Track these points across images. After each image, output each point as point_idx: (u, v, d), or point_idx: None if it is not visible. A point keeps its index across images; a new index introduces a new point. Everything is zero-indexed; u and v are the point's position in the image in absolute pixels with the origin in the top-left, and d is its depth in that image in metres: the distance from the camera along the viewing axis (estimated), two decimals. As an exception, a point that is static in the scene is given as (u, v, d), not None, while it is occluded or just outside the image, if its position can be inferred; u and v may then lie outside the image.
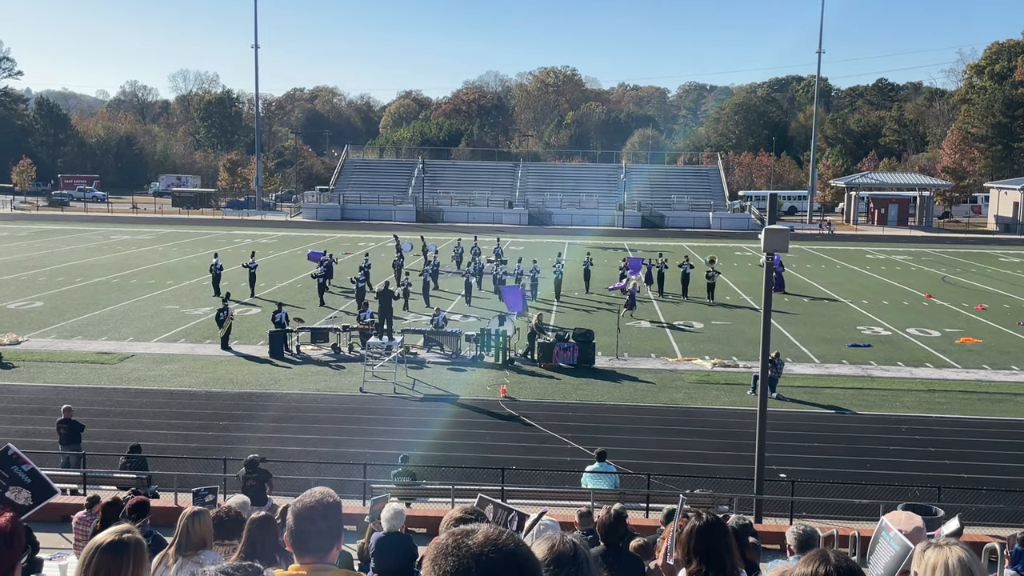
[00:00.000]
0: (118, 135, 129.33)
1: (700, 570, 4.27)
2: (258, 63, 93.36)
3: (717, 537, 4.33)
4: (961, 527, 9.85)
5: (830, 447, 20.97)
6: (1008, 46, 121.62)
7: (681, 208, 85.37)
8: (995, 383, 26.94)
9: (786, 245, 15.80)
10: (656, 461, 19.02)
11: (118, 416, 22.36)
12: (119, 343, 29.96)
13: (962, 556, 2.93)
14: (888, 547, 4.27)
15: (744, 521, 7.84)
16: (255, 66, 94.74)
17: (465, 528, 2.12)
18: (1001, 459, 20.29)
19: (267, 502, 13.98)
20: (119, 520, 8.71)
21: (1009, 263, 57.86)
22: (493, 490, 15.76)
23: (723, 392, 25.44)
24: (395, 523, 9.67)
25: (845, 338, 32.67)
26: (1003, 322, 36.33)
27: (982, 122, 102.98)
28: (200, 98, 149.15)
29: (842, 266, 54.72)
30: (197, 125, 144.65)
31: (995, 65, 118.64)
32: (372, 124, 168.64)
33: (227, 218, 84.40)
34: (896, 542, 4.22)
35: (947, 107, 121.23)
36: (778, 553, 10.52)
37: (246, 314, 34.95)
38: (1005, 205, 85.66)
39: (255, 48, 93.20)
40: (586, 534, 8.51)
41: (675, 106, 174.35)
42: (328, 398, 24.31)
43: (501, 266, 43.30)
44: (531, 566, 2.05)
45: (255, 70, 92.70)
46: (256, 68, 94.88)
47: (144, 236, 64.68)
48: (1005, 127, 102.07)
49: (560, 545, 2.38)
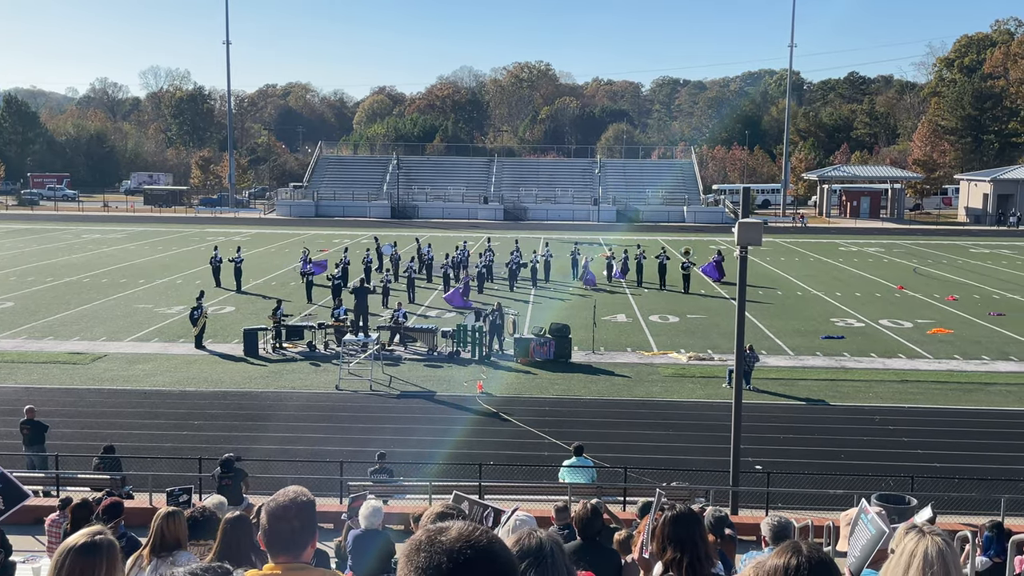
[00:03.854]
0: (88, 133, 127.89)
1: (675, 557, 4.30)
2: (230, 59, 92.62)
3: (690, 525, 4.36)
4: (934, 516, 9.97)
5: (805, 438, 21.15)
6: (977, 39, 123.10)
7: (655, 202, 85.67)
8: (966, 373, 27.26)
9: (759, 238, 15.88)
10: (633, 455, 19.09)
11: (91, 417, 22.16)
12: (91, 343, 29.67)
13: (940, 546, 2.96)
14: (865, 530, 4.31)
15: (720, 513, 7.89)
16: (227, 62, 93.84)
17: (440, 525, 2.13)
18: (973, 448, 20.55)
19: (243, 501, 13.91)
20: (91, 521, 8.64)
21: (979, 254, 58.54)
22: (471, 486, 15.76)
23: (699, 385, 25.58)
24: (373, 520, 9.66)
25: (819, 330, 32.94)
26: (974, 312, 36.76)
27: (952, 115, 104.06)
28: (171, 95, 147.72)
29: (815, 259, 55.14)
30: (169, 122, 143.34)
31: (964, 58, 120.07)
32: (346, 120, 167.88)
33: (200, 216, 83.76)
34: (872, 526, 4.27)
35: (917, 100, 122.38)
36: (754, 544, 10.60)
37: (220, 312, 34.73)
38: (975, 197, 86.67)
39: (227, 44, 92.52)
40: (562, 529, 8.53)
41: (649, 100, 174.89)
42: (304, 396, 24.20)
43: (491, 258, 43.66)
44: (503, 562, 2.06)
45: (227, 66, 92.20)
46: (228, 64, 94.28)
47: (116, 235, 64.06)
48: (975, 119, 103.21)
49: (526, 539, 2.39)
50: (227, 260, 40.93)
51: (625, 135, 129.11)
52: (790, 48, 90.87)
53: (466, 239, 51.86)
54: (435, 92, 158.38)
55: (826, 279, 46.02)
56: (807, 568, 2.55)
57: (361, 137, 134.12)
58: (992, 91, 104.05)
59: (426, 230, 67.37)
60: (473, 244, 52.15)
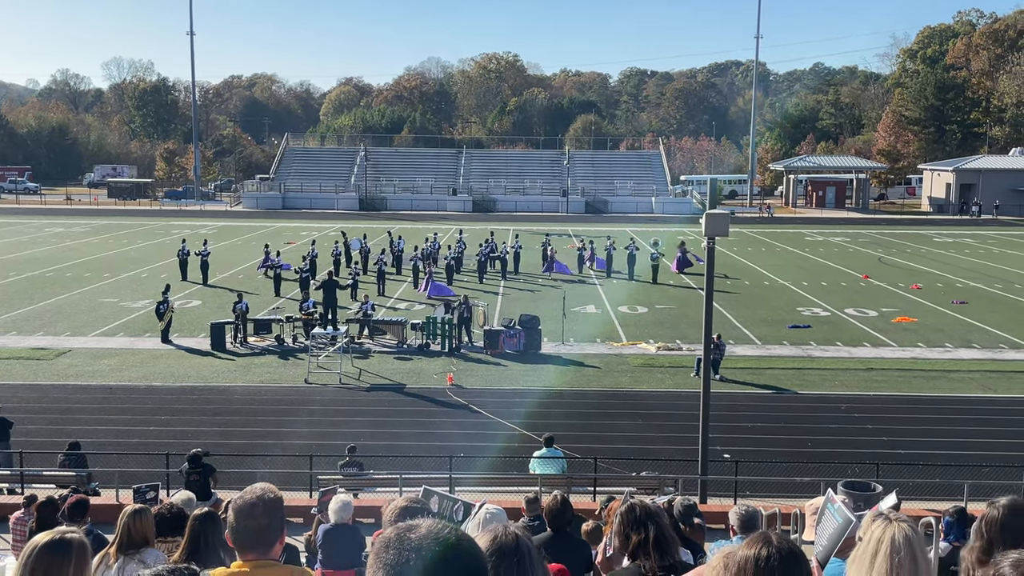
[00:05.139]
0: (50, 125, 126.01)
1: (640, 538, 4.29)
2: (194, 50, 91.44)
3: (646, 511, 4.37)
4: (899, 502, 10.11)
5: (772, 427, 21.36)
6: (940, 30, 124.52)
7: (624, 193, 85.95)
8: (930, 360, 27.64)
9: (727, 229, 15.99)
10: (603, 445, 19.18)
11: (56, 413, 21.87)
12: (55, 338, 29.28)
13: (907, 532, 3.00)
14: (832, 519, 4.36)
15: (689, 502, 7.95)
16: (191, 53, 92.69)
17: (409, 522, 2.13)
18: (936, 435, 20.86)
19: (212, 497, 13.81)
20: (56, 519, 8.53)
21: (943, 243, 59.35)
22: (441, 478, 15.77)
23: (667, 375, 25.73)
24: (343, 514, 9.63)
25: (786, 319, 33.25)
26: (937, 301, 37.28)
27: (915, 105, 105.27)
28: (135, 86, 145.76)
29: (782, 248, 55.63)
30: (132, 114, 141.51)
31: (927, 49, 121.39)
32: (312, 111, 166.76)
33: (165, 209, 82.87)
34: (839, 515, 4.32)
35: (882, 91, 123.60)
36: (722, 533, 10.68)
37: (187, 306, 34.40)
38: (938, 186, 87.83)
39: (191, 35, 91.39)
40: (532, 520, 8.55)
41: (617, 92, 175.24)
42: (272, 390, 24.05)
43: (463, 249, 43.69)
44: (472, 558, 2.06)
45: (191, 57, 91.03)
46: (192, 55, 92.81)
47: (79, 228, 63.21)
48: (937, 110, 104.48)
49: (503, 537, 2.39)
50: (194, 253, 40.56)
51: (593, 126, 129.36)
52: (756, 39, 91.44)
53: (436, 231, 51.78)
54: (403, 83, 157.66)
55: (792, 269, 46.44)
56: (777, 559, 2.57)
57: (328, 129, 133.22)
58: (955, 82, 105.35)
59: (395, 222, 67.10)
60: (443, 236, 52.05)
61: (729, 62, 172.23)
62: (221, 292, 37.65)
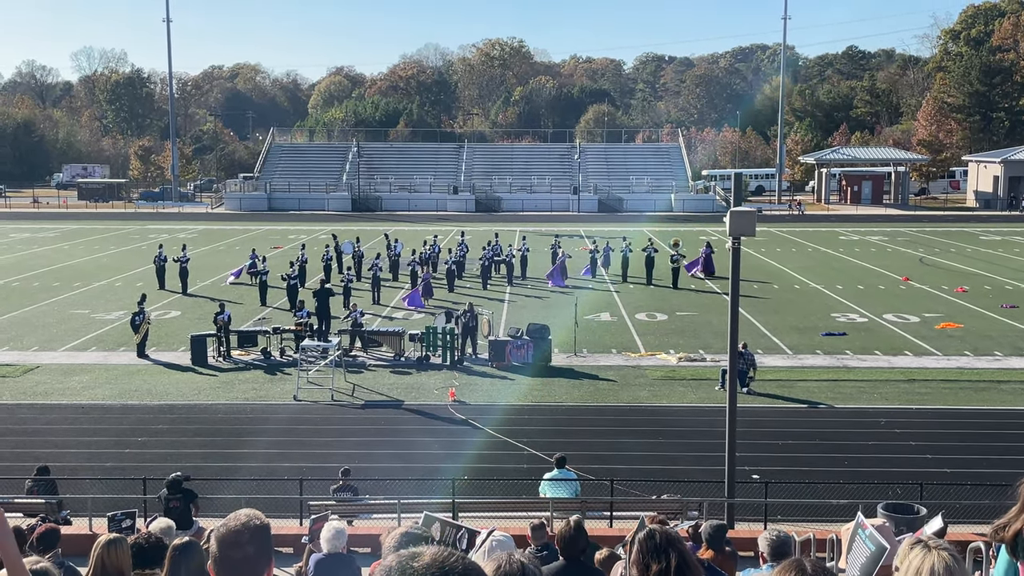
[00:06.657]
0: (15, 121, 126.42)
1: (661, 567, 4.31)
2: (170, 38, 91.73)
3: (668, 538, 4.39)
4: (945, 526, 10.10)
5: (805, 444, 21.32)
6: (985, 9, 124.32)
7: (641, 190, 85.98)
8: (977, 370, 27.57)
9: (753, 228, 15.96)
10: (620, 465, 19.16)
11: (23, 435, 21.93)
12: (22, 353, 29.38)
13: (948, 561, 2.99)
14: (863, 546, 4.35)
15: (719, 524, 7.93)
16: (167, 42, 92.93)
17: (412, 550, 2.14)
18: (985, 451, 20.78)
19: (193, 525, 13.83)
20: (25, 551, 8.54)
21: (990, 241, 59.24)
22: (443, 503, 15.76)
23: (690, 388, 25.71)
24: (336, 543, 9.62)
25: (819, 326, 33.20)
26: (985, 305, 37.20)
27: (959, 91, 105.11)
28: (107, 79, 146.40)
29: (814, 249, 55.58)
30: (104, 109, 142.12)
31: (971, 30, 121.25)
32: (300, 104, 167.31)
33: (141, 211, 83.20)
34: (872, 541, 4.31)
35: (922, 75, 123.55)
36: (751, 560, 10.67)
37: (164, 317, 34.50)
38: (985, 179, 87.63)
39: (167, 22, 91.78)
40: (540, 550, 8.54)
41: (632, 79, 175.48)
42: (259, 408, 24.09)
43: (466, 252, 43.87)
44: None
45: (167, 46, 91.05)
46: (168, 44, 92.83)
47: (47, 233, 63.45)
48: (983, 96, 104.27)
49: (507, 566, 2.39)
50: (172, 260, 40.64)
51: (606, 117, 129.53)
52: (783, 20, 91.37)
53: (436, 233, 51.83)
54: (398, 72, 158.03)
55: (826, 271, 46.39)
56: (811, 587, 2.57)
57: (317, 123, 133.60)
58: (1002, 65, 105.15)
59: (391, 224, 67.24)
60: (444, 239, 52.09)
61: (754, 46, 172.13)
62: (202, 302, 37.74)
